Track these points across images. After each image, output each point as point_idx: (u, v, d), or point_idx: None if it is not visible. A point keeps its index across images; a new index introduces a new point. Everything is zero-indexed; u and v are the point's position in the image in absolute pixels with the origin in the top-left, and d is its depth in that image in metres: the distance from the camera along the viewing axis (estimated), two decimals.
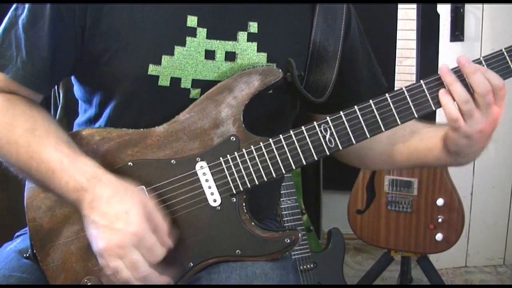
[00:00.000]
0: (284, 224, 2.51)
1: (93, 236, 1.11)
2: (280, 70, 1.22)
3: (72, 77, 1.34)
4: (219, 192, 1.21)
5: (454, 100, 1.16)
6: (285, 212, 2.52)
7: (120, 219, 1.09)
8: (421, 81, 1.18)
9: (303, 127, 1.20)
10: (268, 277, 1.23)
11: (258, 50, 1.27)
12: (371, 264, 2.90)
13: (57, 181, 1.14)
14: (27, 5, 1.19)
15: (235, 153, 1.21)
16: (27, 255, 1.29)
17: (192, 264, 1.23)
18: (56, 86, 1.53)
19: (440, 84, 1.18)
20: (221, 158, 1.21)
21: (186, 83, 1.24)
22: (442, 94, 1.17)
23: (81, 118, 1.37)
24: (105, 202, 1.11)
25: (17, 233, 1.40)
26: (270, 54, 1.28)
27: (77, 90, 1.36)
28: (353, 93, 1.41)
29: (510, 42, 2.94)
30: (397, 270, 2.81)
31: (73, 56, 1.23)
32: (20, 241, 1.34)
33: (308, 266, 2.56)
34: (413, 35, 2.48)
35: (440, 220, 2.53)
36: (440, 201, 2.53)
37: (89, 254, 1.22)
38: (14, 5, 1.22)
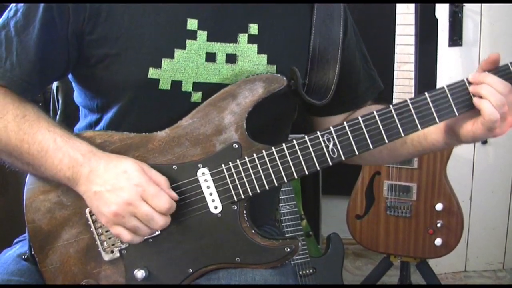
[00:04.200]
0: (283, 230, 2.51)
1: (101, 206, 1.13)
2: (284, 78, 1.22)
3: (73, 83, 1.35)
4: (220, 199, 1.21)
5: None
6: (284, 218, 2.52)
7: (121, 179, 1.12)
8: (426, 93, 1.18)
9: (306, 137, 1.19)
10: (268, 283, 1.23)
11: (259, 52, 1.27)
12: (371, 269, 2.90)
13: (50, 160, 1.16)
14: (21, 9, 1.20)
15: (237, 160, 1.20)
16: (26, 256, 1.29)
17: (191, 270, 1.22)
18: (55, 92, 1.53)
19: (445, 97, 1.17)
20: (223, 165, 1.20)
21: (187, 86, 1.24)
22: (479, 100, 1.15)
23: (82, 123, 1.37)
24: (103, 170, 1.14)
25: (16, 239, 1.40)
26: (270, 56, 1.28)
27: (78, 96, 1.36)
28: (351, 94, 1.42)
29: (509, 47, 2.97)
30: (396, 275, 2.81)
31: (64, 60, 1.23)
32: (19, 247, 1.34)
33: (308, 271, 2.56)
34: (411, 40, 2.48)
35: (439, 224, 2.53)
36: (439, 206, 2.53)
37: (88, 257, 1.23)
38: (9, 7, 1.22)
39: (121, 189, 1.11)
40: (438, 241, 2.53)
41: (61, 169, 1.16)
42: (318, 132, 1.19)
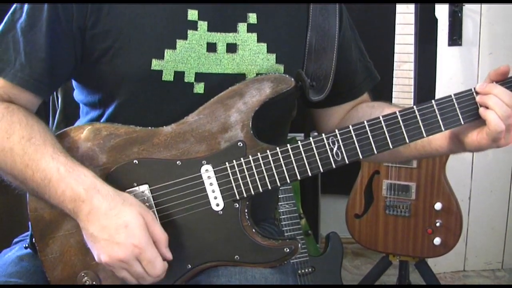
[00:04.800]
0: (283, 229, 2.51)
1: (94, 248, 1.13)
2: (292, 79, 1.22)
3: (73, 81, 1.35)
4: (222, 196, 1.21)
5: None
6: (283, 216, 2.52)
7: (120, 232, 1.09)
8: (433, 101, 1.19)
9: (311, 139, 1.20)
10: (268, 282, 1.23)
11: (258, 41, 1.28)
12: (370, 268, 2.90)
13: (53, 190, 1.13)
14: (25, 9, 1.19)
15: (241, 159, 1.20)
16: (26, 245, 1.30)
17: (190, 266, 1.22)
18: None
19: (451, 105, 1.18)
20: (226, 163, 1.20)
21: (189, 77, 1.24)
22: (485, 110, 1.16)
23: (83, 120, 1.37)
24: (103, 214, 1.11)
25: (16, 239, 1.40)
26: (270, 44, 1.29)
27: (78, 94, 1.36)
28: (348, 85, 1.43)
29: (508, 46, 2.97)
30: (395, 275, 2.81)
31: (72, 57, 1.23)
32: (19, 248, 1.34)
33: (306, 270, 2.57)
34: (411, 39, 2.48)
35: (438, 224, 2.53)
36: (438, 205, 2.53)
37: (88, 248, 1.22)
38: (12, 9, 1.22)
39: (118, 245, 1.09)
40: (437, 241, 2.54)
41: (63, 200, 1.13)
42: (323, 135, 1.20)
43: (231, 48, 1.27)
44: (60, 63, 1.23)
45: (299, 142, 1.20)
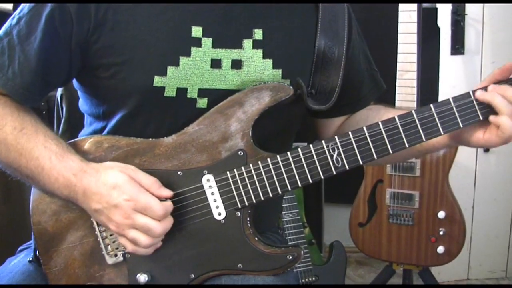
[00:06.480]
0: (286, 237, 2.51)
1: (104, 221, 1.16)
2: (291, 87, 1.22)
3: (79, 91, 1.35)
4: (224, 205, 1.21)
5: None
6: (286, 226, 2.52)
7: (112, 195, 1.13)
8: (431, 105, 1.18)
9: (311, 146, 1.20)
10: None
11: (264, 57, 1.28)
12: (373, 277, 2.90)
13: (47, 178, 1.17)
14: (24, 17, 1.20)
15: (242, 168, 1.21)
16: (30, 258, 1.30)
17: (193, 276, 1.23)
18: (59, 100, 1.54)
19: (450, 109, 1.17)
20: (228, 172, 1.21)
21: (192, 93, 1.24)
22: (496, 117, 1.15)
23: (86, 130, 1.38)
24: (95, 188, 1.15)
25: (21, 247, 1.41)
26: (275, 60, 1.28)
27: (83, 104, 1.37)
28: (354, 97, 1.43)
29: (510, 55, 2.96)
30: (399, 283, 2.80)
31: (65, 70, 1.24)
32: (24, 256, 1.35)
33: (310, 279, 2.56)
34: (413, 48, 2.49)
35: (441, 232, 2.53)
36: (441, 214, 2.53)
37: (91, 260, 1.24)
38: (13, 15, 1.22)
39: (115, 207, 1.13)
40: (440, 249, 2.54)
41: (58, 187, 1.17)
42: (323, 142, 1.20)
43: (236, 64, 1.26)
44: (51, 75, 1.23)
45: (299, 149, 1.20)
